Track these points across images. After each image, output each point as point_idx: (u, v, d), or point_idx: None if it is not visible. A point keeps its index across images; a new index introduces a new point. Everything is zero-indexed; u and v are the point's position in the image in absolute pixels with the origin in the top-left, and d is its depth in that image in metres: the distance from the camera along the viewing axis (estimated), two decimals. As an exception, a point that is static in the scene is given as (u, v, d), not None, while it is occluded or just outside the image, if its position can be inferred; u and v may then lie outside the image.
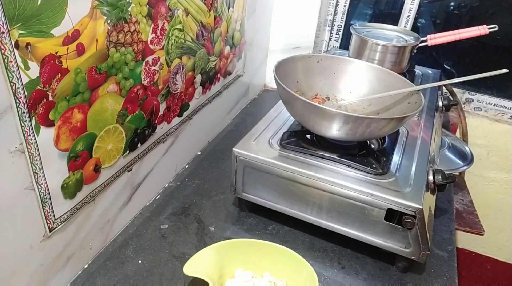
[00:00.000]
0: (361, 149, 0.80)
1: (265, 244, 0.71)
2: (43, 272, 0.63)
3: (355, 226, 0.74)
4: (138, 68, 0.71)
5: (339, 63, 0.91)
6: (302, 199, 0.76)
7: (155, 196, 0.91)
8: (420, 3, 1.29)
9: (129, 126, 0.73)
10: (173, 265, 0.74)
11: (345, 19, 1.39)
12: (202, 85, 0.99)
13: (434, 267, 0.77)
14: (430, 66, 1.31)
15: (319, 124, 0.73)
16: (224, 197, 0.91)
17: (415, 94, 0.79)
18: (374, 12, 1.42)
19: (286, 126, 0.88)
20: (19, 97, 0.50)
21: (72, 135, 0.60)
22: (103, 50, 0.61)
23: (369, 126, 0.70)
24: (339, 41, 1.44)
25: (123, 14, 0.63)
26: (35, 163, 0.55)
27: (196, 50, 0.90)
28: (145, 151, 0.82)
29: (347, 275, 0.75)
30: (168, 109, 0.86)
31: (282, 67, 0.82)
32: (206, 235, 0.81)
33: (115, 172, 0.74)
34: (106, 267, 0.73)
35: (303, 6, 1.31)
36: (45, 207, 0.59)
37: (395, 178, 0.73)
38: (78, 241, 0.69)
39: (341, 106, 0.88)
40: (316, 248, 0.80)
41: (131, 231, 0.81)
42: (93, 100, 0.62)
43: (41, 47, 0.51)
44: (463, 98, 1.34)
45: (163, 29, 0.75)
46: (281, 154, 0.78)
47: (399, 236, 0.71)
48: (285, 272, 0.69)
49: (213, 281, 0.63)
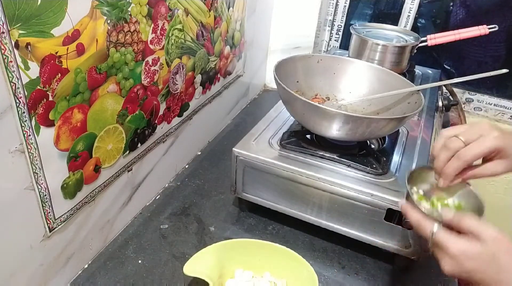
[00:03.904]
0: (361, 149, 0.80)
1: (265, 244, 0.71)
2: (43, 272, 0.63)
3: (355, 226, 0.74)
4: (138, 68, 0.71)
5: (339, 63, 0.91)
6: (302, 199, 0.76)
7: (155, 196, 0.91)
8: (420, 3, 1.28)
9: (129, 126, 0.73)
10: (173, 265, 0.74)
11: (345, 19, 1.39)
12: (202, 85, 0.99)
13: (434, 267, 0.77)
14: (430, 66, 1.31)
15: (319, 124, 0.73)
16: (224, 197, 0.91)
17: (415, 94, 0.79)
18: (374, 12, 1.42)
19: (286, 126, 0.88)
20: (19, 97, 0.50)
21: (72, 135, 0.60)
22: (103, 50, 0.61)
23: (369, 126, 0.70)
24: (339, 41, 1.44)
25: (123, 14, 0.63)
26: (35, 163, 0.55)
27: (196, 50, 0.90)
28: (145, 151, 0.82)
29: (347, 275, 0.75)
30: (168, 109, 0.86)
31: (282, 67, 0.82)
32: (206, 235, 0.81)
33: (115, 172, 0.74)
34: (106, 267, 0.73)
35: (303, 6, 1.31)
36: (45, 207, 0.59)
37: (395, 178, 0.73)
38: (78, 241, 0.69)
39: (341, 106, 0.88)
40: (316, 248, 0.80)
41: (131, 231, 0.81)
42: (93, 100, 0.62)
43: (41, 47, 0.51)
44: (463, 98, 1.34)
45: (163, 29, 0.75)
46: (281, 154, 0.78)
47: (399, 236, 0.71)
48: (285, 272, 0.69)
49: (213, 281, 0.63)
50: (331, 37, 1.44)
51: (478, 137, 0.53)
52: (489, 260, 0.46)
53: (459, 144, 0.53)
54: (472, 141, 0.53)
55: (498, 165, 0.53)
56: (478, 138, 0.53)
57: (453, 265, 0.48)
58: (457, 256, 0.47)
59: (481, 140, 0.52)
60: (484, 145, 0.52)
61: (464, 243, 0.47)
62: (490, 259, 0.46)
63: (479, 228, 0.47)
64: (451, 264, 0.48)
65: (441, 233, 0.49)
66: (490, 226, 0.47)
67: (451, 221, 0.50)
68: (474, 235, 0.47)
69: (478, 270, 0.46)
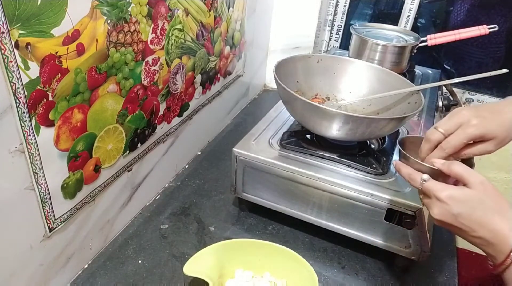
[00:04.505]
0: (361, 149, 0.80)
1: (265, 244, 0.71)
2: (43, 272, 0.63)
3: (355, 226, 0.74)
4: (138, 68, 0.71)
5: (339, 63, 0.91)
6: (302, 199, 0.76)
7: (155, 196, 0.91)
8: (420, 3, 1.28)
9: (129, 126, 0.73)
10: (173, 265, 0.74)
11: (345, 19, 1.39)
12: (202, 85, 0.99)
13: (434, 267, 0.77)
14: (430, 66, 1.31)
15: (319, 124, 0.73)
16: (224, 197, 0.91)
17: (415, 94, 0.79)
18: (374, 12, 1.42)
19: (286, 126, 0.88)
20: (19, 97, 0.50)
21: (72, 135, 0.60)
22: (103, 50, 0.61)
23: (369, 126, 0.70)
24: (339, 41, 1.44)
25: (123, 14, 0.63)
26: (35, 163, 0.55)
27: (196, 50, 0.90)
28: (145, 151, 0.82)
29: (347, 275, 0.75)
30: (168, 109, 0.86)
31: (282, 67, 0.82)
32: (206, 235, 0.81)
33: (115, 172, 0.74)
34: (106, 267, 0.73)
35: (303, 6, 1.31)
36: (45, 207, 0.59)
37: (395, 178, 0.73)
38: (78, 241, 0.69)
39: (341, 106, 0.88)
40: (316, 248, 0.80)
41: (131, 231, 0.81)
42: (93, 100, 0.62)
43: (41, 47, 0.51)
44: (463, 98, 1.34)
45: (163, 29, 0.75)
46: (281, 154, 0.78)
47: (399, 236, 0.71)
48: (285, 272, 0.69)
49: (213, 281, 0.63)
50: (331, 37, 1.44)
51: (457, 127, 0.54)
52: (476, 204, 0.48)
53: (438, 136, 0.55)
54: (452, 132, 0.54)
55: (488, 145, 0.54)
56: (457, 128, 0.54)
57: (441, 208, 0.50)
58: (446, 200, 0.49)
59: (460, 131, 0.54)
60: (463, 136, 0.54)
61: (452, 189, 0.50)
62: (477, 203, 0.48)
63: (467, 173, 0.50)
64: (440, 208, 0.50)
65: (431, 181, 0.52)
66: (478, 173, 0.49)
67: (441, 167, 0.52)
68: (463, 180, 0.50)
69: (465, 213, 0.48)
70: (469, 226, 0.48)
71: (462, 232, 0.50)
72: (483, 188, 0.48)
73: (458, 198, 0.48)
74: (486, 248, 0.48)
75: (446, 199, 0.49)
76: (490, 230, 0.47)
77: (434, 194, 0.50)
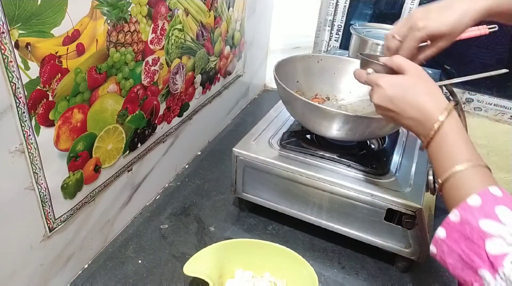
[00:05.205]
0: (361, 149, 0.80)
1: (265, 244, 0.71)
2: (43, 272, 0.63)
3: (355, 226, 0.74)
4: (138, 68, 0.71)
5: (339, 63, 0.91)
6: (302, 199, 0.76)
7: (155, 196, 0.91)
8: (420, 3, 1.28)
9: (129, 126, 0.73)
10: (173, 265, 0.74)
11: (345, 19, 1.39)
12: (202, 85, 0.99)
13: (434, 267, 0.77)
14: (430, 66, 1.30)
15: (319, 124, 0.73)
16: (224, 197, 0.91)
17: (415, 94, 0.79)
18: (374, 12, 1.42)
19: (286, 126, 0.88)
20: (19, 97, 0.50)
21: (72, 135, 0.60)
22: (103, 50, 0.61)
23: (369, 126, 0.70)
24: (339, 41, 1.44)
25: (123, 14, 0.63)
26: (35, 163, 0.55)
27: (196, 50, 0.90)
28: (145, 151, 0.82)
29: (347, 275, 0.75)
30: (168, 109, 0.86)
31: (282, 67, 0.82)
32: (206, 235, 0.81)
33: (115, 172, 0.74)
34: (106, 267, 0.73)
35: (303, 6, 1.31)
36: (45, 207, 0.59)
37: (395, 178, 0.73)
38: (78, 241, 0.69)
39: (341, 106, 0.88)
40: (316, 248, 0.80)
41: (131, 231, 0.81)
42: (93, 100, 0.62)
43: (41, 47, 0.51)
44: (463, 98, 1.34)
45: (163, 29, 0.75)
46: (281, 154, 0.78)
47: (399, 236, 0.71)
48: (285, 272, 0.69)
49: (213, 281, 0.63)
50: (331, 37, 1.44)
51: (408, 31, 0.58)
52: (409, 87, 0.52)
53: (396, 43, 0.60)
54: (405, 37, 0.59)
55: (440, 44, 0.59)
56: (408, 33, 0.58)
57: (379, 93, 0.55)
58: (382, 85, 0.54)
59: (410, 36, 0.58)
60: (413, 41, 0.58)
61: (389, 75, 0.55)
62: (410, 86, 0.52)
63: (406, 63, 0.55)
64: (378, 93, 0.55)
65: (374, 74, 0.58)
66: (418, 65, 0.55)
67: (385, 61, 0.57)
68: (402, 69, 0.55)
69: (399, 94, 0.53)
70: (402, 108, 0.52)
71: (396, 116, 0.53)
72: (418, 74, 0.53)
73: (393, 82, 0.54)
74: (417, 128, 0.52)
75: (383, 83, 0.54)
76: (419, 108, 0.51)
77: (375, 81, 0.56)
